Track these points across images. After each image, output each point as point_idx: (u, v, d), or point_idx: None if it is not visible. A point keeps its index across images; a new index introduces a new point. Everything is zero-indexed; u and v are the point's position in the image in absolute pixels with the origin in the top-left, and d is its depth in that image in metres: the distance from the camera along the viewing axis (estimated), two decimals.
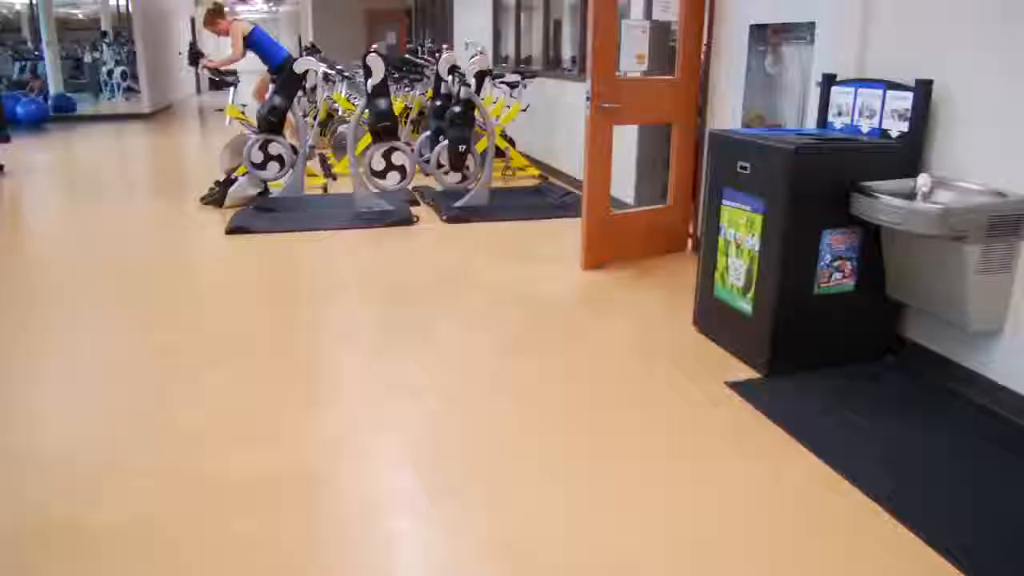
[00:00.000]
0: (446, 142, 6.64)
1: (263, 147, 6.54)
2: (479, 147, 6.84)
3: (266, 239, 5.47)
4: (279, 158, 6.61)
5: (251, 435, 2.77)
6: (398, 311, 4.09)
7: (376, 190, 6.33)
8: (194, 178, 8.06)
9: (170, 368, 3.34)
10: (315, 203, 6.63)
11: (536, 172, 8.08)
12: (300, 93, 7.18)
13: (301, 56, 7.78)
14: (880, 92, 3.34)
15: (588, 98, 4.38)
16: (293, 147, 6.78)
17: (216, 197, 6.50)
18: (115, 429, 2.82)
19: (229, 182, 6.58)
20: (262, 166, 6.58)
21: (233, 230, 5.62)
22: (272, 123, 6.53)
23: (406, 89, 9.40)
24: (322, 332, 3.79)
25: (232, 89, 7.24)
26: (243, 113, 7.10)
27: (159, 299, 4.23)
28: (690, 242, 5.15)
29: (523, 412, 2.98)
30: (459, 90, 6.54)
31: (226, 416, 2.91)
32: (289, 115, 6.70)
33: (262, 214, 6.09)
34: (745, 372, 3.32)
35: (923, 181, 3.02)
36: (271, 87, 6.81)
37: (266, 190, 6.72)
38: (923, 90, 3.17)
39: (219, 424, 2.85)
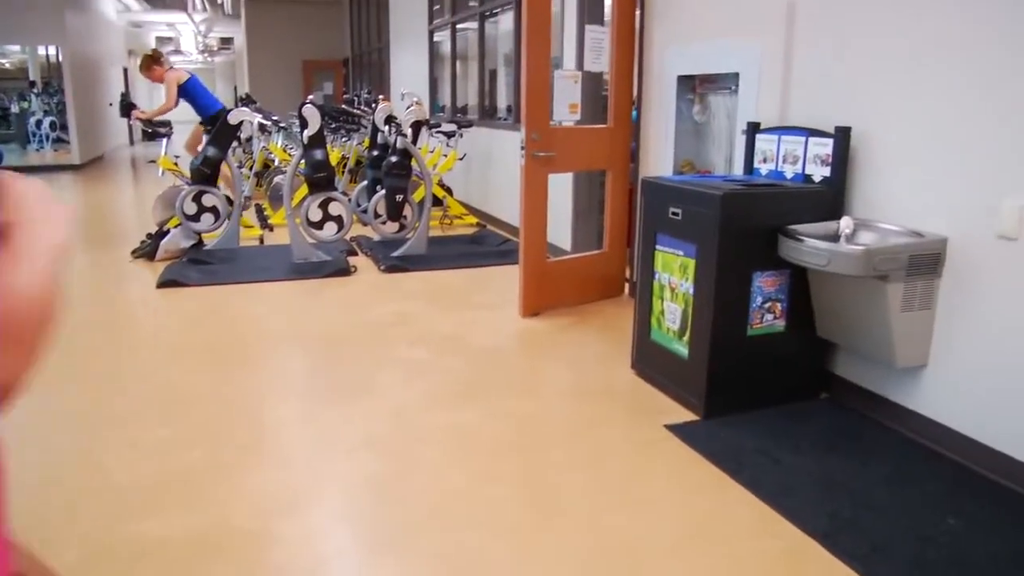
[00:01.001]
0: (383, 192, 6.65)
1: (197, 198, 6.45)
2: (416, 196, 6.86)
3: (199, 292, 5.37)
4: (213, 209, 6.52)
5: (182, 493, 2.68)
6: (336, 363, 4.03)
7: (313, 241, 6.28)
8: (125, 231, 7.90)
9: (95, 427, 3.23)
10: (251, 255, 6.54)
11: (474, 220, 8.13)
12: (235, 144, 7.13)
13: (237, 107, 7.74)
14: (802, 139, 3.47)
15: (523, 147, 4.45)
16: (228, 198, 6.70)
17: (148, 250, 6.37)
18: (37, 493, 2.70)
19: (162, 234, 6.45)
20: (196, 218, 6.48)
21: (165, 283, 5.50)
22: (206, 174, 6.45)
23: (343, 139, 9.41)
24: (257, 387, 3.72)
25: (165, 140, 7.14)
26: (176, 164, 7.00)
27: (86, 356, 4.09)
28: (627, 287, 5.22)
29: (464, 462, 2.95)
30: (396, 140, 6.58)
31: (156, 475, 2.81)
32: (224, 166, 6.63)
33: (195, 267, 5.98)
34: (683, 414, 3.35)
35: (845, 223, 3.13)
36: (205, 138, 6.75)
37: (200, 242, 6.61)
38: (842, 136, 3.31)
39: (148, 484, 2.75)
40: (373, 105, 8.66)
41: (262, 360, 4.09)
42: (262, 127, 8.86)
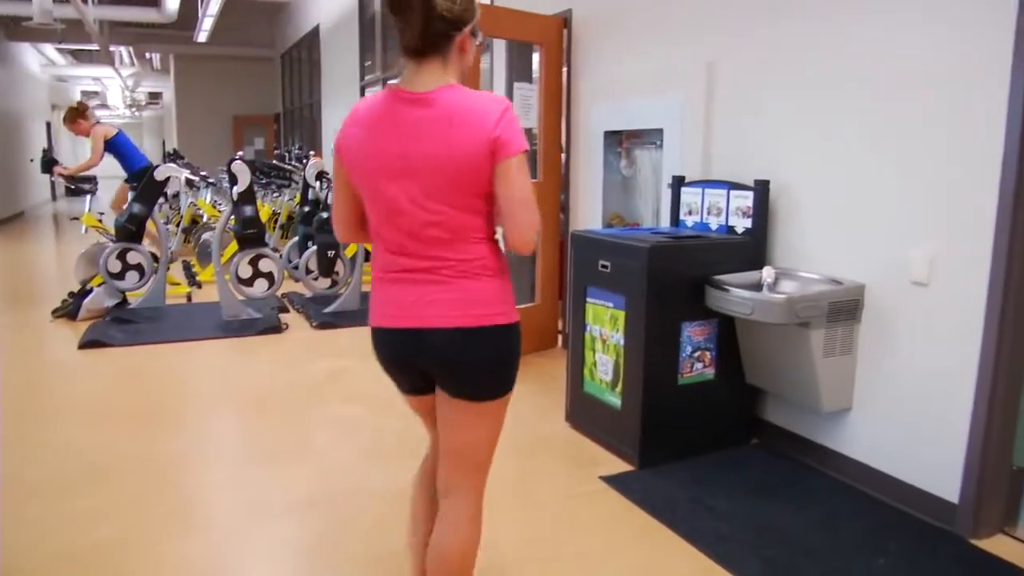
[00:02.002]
0: (315, 248, 6.60)
1: (121, 256, 6.29)
2: (349, 252, 6.83)
3: (124, 353, 5.20)
4: (138, 267, 6.36)
5: (97, 570, 2.56)
6: (267, 424, 3.94)
7: (243, 298, 6.18)
8: (46, 290, 7.62)
9: (11, 499, 3.07)
10: (178, 313, 6.38)
11: None
12: (161, 200, 7.01)
13: (164, 162, 7.63)
14: (724, 192, 3.59)
15: None
16: (154, 255, 6.55)
17: (70, 309, 6.16)
18: None
19: (84, 293, 6.26)
20: (120, 276, 6.31)
21: (87, 344, 5.31)
22: (131, 231, 6.30)
23: (274, 195, 9.35)
24: (184, 451, 3.60)
25: (89, 197, 6.98)
26: (100, 221, 6.84)
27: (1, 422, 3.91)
28: (560, 339, 5.26)
29: (400, 523, 2.89)
30: (327, 196, 6.56)
31: (68, 552, 2.68)
32: (150, 223, 6.50)
33: (120, 326, 5.80)
34: (618, 465, 3.37)
35: (767, 273, 3.23)
36: (130, 195, 6.62)
37: (124, 301, 6.43)
38: (761, 189, 3.43)
39: (70, 557, 2.62)
40: (304, 160, 8.63)
41: (189, 423, 3.97)
42: (190, 183, 8.74)
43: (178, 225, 9.11)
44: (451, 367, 1.80)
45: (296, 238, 7.40)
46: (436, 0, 1.66)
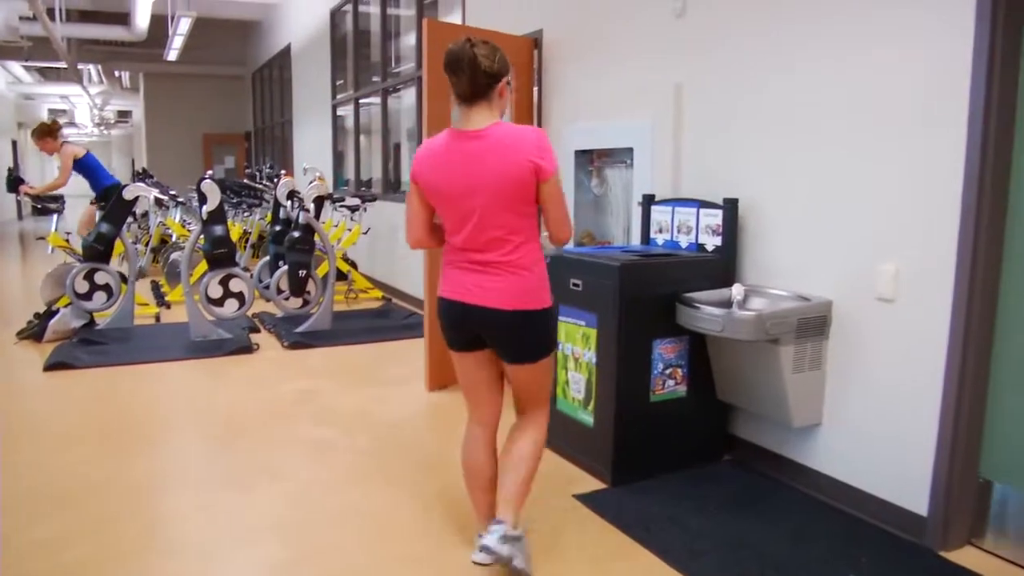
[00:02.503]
0: (286, 267, 6.56)
1: (88, 276, 6.21)
2: (320, 271, 6.79)
3: (91, 375, 5.12)
4: (106, 287, 6.28)
5: None
6: (237, 446, 3.89)
7: (213, 318, 6.11)
8: (10, 311, 7.49)
9: None
10: (146, 334, 6.30)
11: (379, 294, 8.09)
12: (130, 219, 6.93)
13: (133, 181, 7.56)
14: (694, 210, 3.63)
15: None
16: (122, 275, 6.47)
17: (35, 331, 6.06)
18: None
19: (50, 314, 6.15)
20: (87, 296, 6.22)
21: (53, 366, 5.23)
22: (99, 251, 6.22)
23: (245, 214, 9.29)
24: (152, 475, 3.54)
25: (56, 216, 6.89)
26: (67, 241, 6.75)
27: None
28: None
29: (372, 545, 2.87)
30: (299, 215, 6.53)
31: (44, 572, 2.63)
32: (119, 242, 6.43)
33: (87, 347, 5.71)
34: (591, 483, 3.37)
35: (737, 290, 3.26)
36: (98, 215, 6.54)
37: (92, 322, 6.34)
38: (730, 207, 3.47)
39: None
40: (275, 180, 8.60)
41: (158, 446, 3.91)
42: (159, 202, 8.66)
43: (147, 245, 9.01)
44: (502, 338, 2.48)
45: (267, 257, 7.35)
46: (480, 61, 2.28)
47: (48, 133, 6.92)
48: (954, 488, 2.76)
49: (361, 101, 9.16)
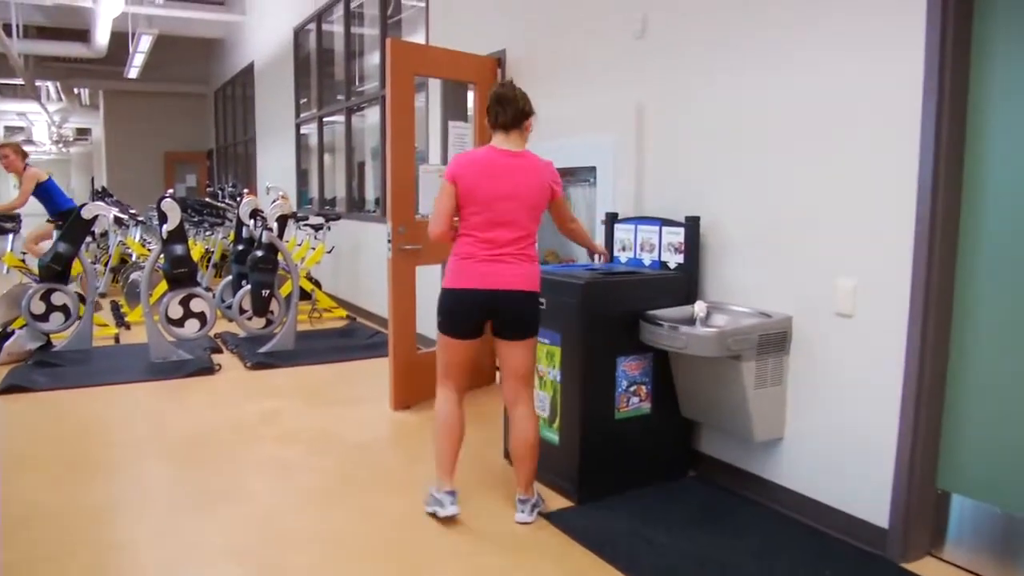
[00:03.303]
0: (249, 287, 6.49)
1: (45, 297, 6.09)
2: (283, 291, 6.73)
3: (47, 398, 5.01)
4: (63, 308, 6.17)
5: None
6: (199, 468, 3.82)
7: (173, 339, 6.02)
8: None
9: None
10: (105, 355, 6.18)
11: (343, 313, 8.04)
12: (89, 239, 6.83)
13: (92, 200, 7.45)
14: (657, 228, 3.66)
15: (389, 241, 4.47)
16: (80, 295, 6.36)
17: None
18: None
19: (5, 336, 6.02)
20: (44, 317, 6.11)
21: (7, 389, 5.10)
22: (56, 271, 6.11)
23: (207, 233, 9.19)
24: (110, 500, 3.46)
25: (12, 236, 6.75)
26: (23, 261, 6.61)
27: None
28: (498, 375, 5.24)
29: (336, 567, 2.84)
30: (262, 234, 6.47)
31: None
32: (77, 262, 6.31)
33: (43, 370, 5.59)
34: (558, 501, 3.36)
35: (699, 307, 3.29)
36: (55, 233, 6.43)
37: (48, 343, 6.21)
38: (692, 225, 3.51)
39: None
40: (238, 198, 8.52)
41: (116, 470, 3.83)
42: (119, 221, 8.54)
43: (106, 264, 8.87)
44: (515, 314, 3.07)
45: (230, 277, 7.27)
46: (521, 99, 3.13)
47: (16, 152, 6.82)
48: (913, 500, 2.81)
49: (325, 120, 9.13)
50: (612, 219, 3.93)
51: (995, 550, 2.72)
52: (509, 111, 3.09)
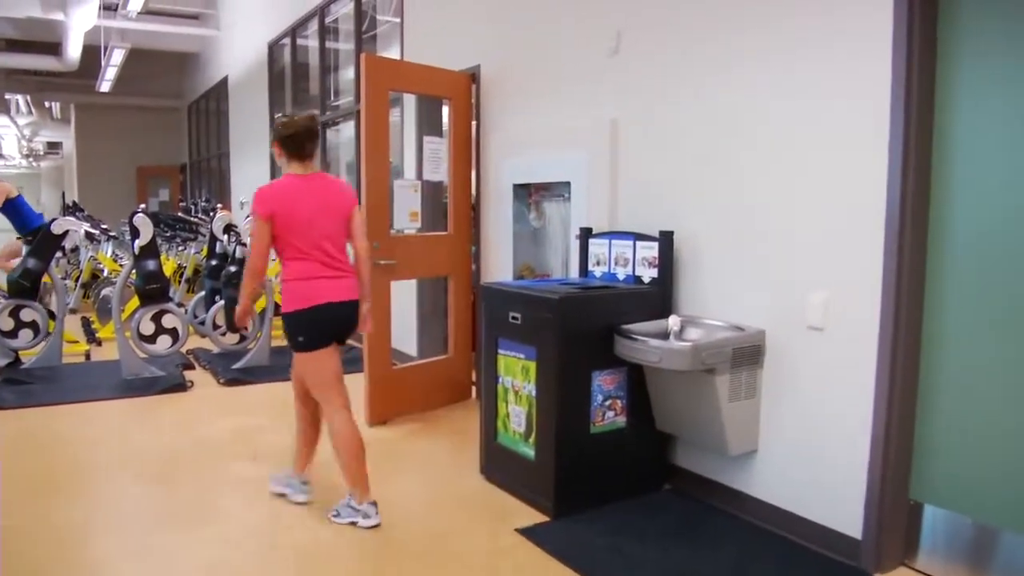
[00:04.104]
0: (222, 302, 6.43)
1: (14, 313, 6.00)
2: (258, 306, 6.68)
3: (15, 416, 4.92)
4: (33, 324, 6.08)
5: None
6: (172, 487, 3.77)
7: (145, 356, 5.95)
8: None
9: None
10: (75, 372, 6.09)
11: None
12: (59, 254, 6.74)
13: (62, 215, 7.36)
14: (631, 243, 3.68)
15: None
16: (50, 312, 6.27)
17: None
18: None
19: None
20: (12, 334, 6.01)
21: None
22: (25, 287, 6.03)
23: (179, 248, 9.10)
24: (81, 519, 3.40)
25: None
26: None
27: None
28: (474, 390, 5.24)
29: None
30: (236, 249, 6.43)
31: None
32: (47, 277, 6.23)
33: (11, 387, 5.50)
34: (534, 516, 3.36)
35: (673, 321, 3.31)
36: (25, 249, 6.34)
37: (17, 360, 6.11)
38: (666, 240, 3.54)
39: None
40: (211, 213, 8.45)
41: (87, 489, 3.77)
42: (90, 236, 8.44)
43: (77, 280, 8.76)
44: (353, 321, 3.38)
45: (203, 292, 7.20)
46: (304, 133, 3.29)
47: None
48: (886, 511, 2.83)
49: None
50: (587, 234, 3.94)
51: (967, 559, 2.76)
52: (299, 141, 3.28)
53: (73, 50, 11.78)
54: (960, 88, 2.66)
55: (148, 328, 5.91)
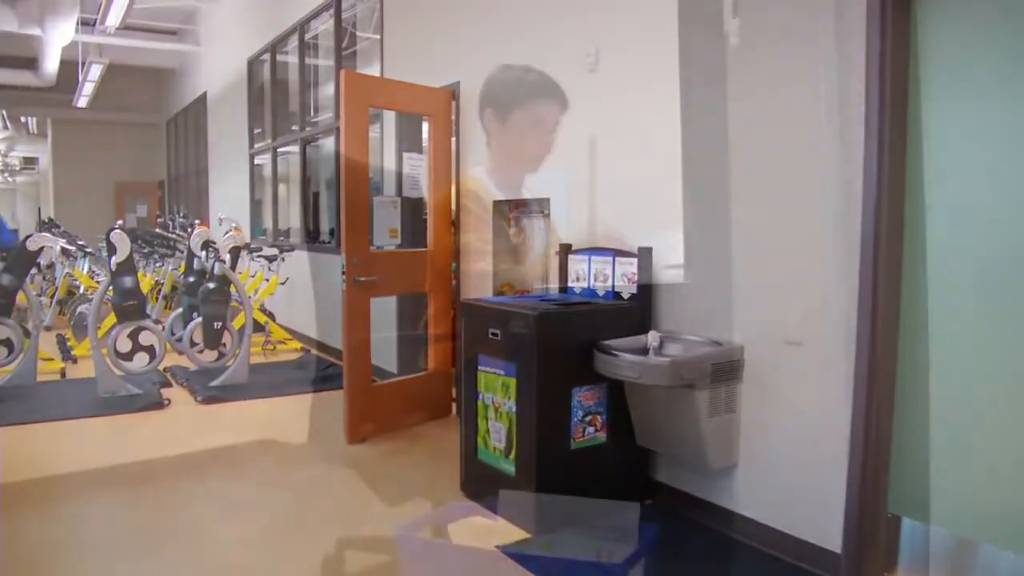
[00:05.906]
0: (200, 319, 6.38)
1: None
2: (236, 323, 6.63)
3: None
4: (7, 342, 5.99)
5: None
6: (147, 507, 3.72)
7: (122, 373, 5.88)
8: None
9: None
10: (50, 390, 6.01)
11: (298, 345, 7.93)
12: (34, 271, 6.66)
13: (38, 231, 7.29)
14: (610, 259, 3.70)
15: (343, 272, 4.45)
16: (25, 329, 6.19)
17: None
18: None
19: None
20: None
21: None
22: None
23: (157, 264, 9.03)
24: (52, 542, 3.34)
25: None
26: None
27: None
28: (454, 407, 5.22)
29: None
30: (214, 266, 6.38)
31: None
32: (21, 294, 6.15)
33: None
34: (515, 533, 3.34)
35: (652, 337, 3.32)
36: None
37: None
38: (645, 256, 3.55)
39: None
40: (189, 229, 8.40)
41: (59, 510, 3.71)
42: (66, 252, 8.36)
43: (52, 296, 8.66)
44: None
45: (180, 309, 7.14)
46: None
47: None
48: (865, 524, 2.84)
49: (279, 150, 9.07)
50: (566, 250, 3.95)
51: (946, 572, 2.77)
52: None
53: (50, 65, 11.71)
54: (933, 89, 2.68)
55: (125, 345, 5.84)
